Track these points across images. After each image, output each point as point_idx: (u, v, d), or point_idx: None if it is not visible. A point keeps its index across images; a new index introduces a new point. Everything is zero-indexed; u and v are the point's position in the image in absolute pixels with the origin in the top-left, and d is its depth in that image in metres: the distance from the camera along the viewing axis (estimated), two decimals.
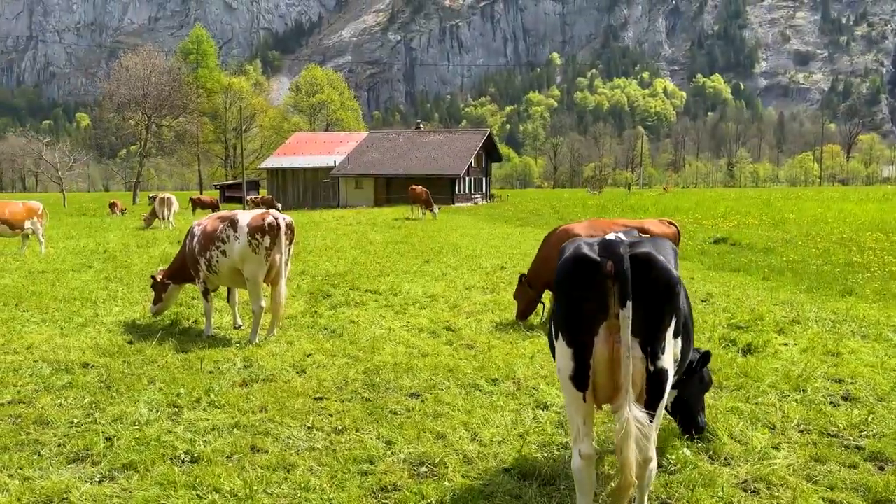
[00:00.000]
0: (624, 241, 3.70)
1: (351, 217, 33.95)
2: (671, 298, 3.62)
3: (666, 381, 3.66)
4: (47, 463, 4.78)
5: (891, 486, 4.40)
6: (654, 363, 3.60)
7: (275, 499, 4.32)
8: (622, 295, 3.44)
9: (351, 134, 66.06)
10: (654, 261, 3.58)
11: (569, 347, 3.66)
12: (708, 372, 5.32)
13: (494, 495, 4.42)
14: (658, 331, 3.60)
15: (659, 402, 3.66)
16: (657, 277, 3.57)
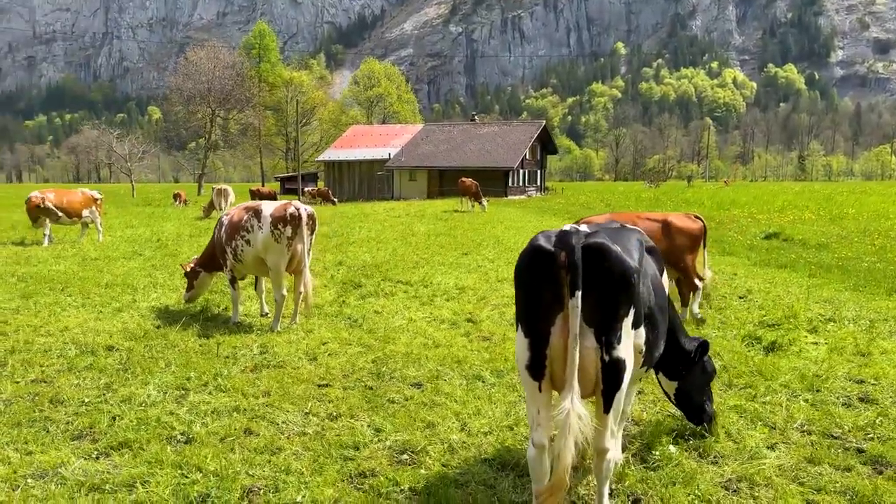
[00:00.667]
0: (580, 231, 3.67)
1: (401, 209, 34.24)
2: (626, 288, 3.57)
3: (623, 372, 3.62)
4: (51, 439, 5.05)
5: (879, 490, 4.24)
6: (610, 353, 3.57)
7: (254, 480, 4.46)
8: (572, 285, 3.42)
9: (406, 126, 66.48)
10: (607, 251, 3.55)
11: (525, 337, 3.66)
12: (710, 361, 5.21)
13: (468, 484, 4.45)
14: (613, 321, 3.56)
15: (615, 392, 3.63)
16: (610, 268, 3.53)
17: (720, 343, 8.13)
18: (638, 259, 3.84)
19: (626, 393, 4.58)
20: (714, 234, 20.44)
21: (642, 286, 3.90)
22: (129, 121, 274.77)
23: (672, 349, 5.11)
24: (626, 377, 3.66)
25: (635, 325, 3.73)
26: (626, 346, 3.64)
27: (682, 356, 5.11)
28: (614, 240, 3.74)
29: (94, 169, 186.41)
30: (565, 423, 3.38)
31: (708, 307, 10.45)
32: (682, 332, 5.20)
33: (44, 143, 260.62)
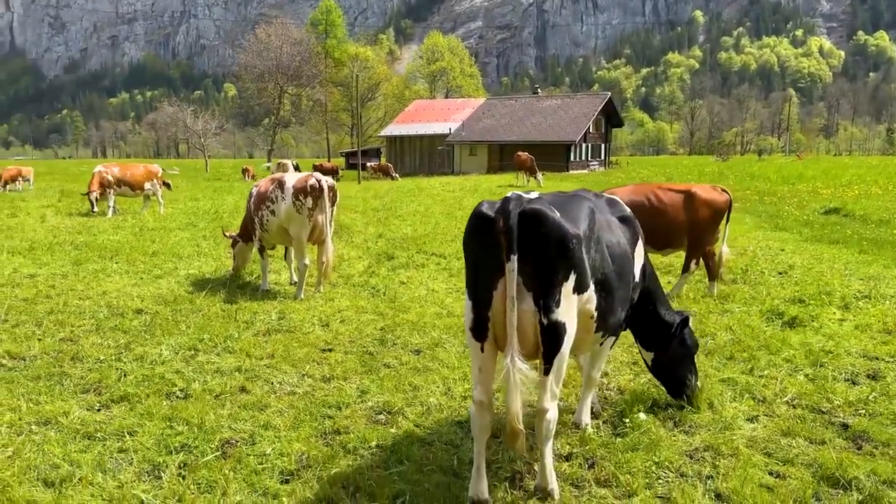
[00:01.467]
0: (523, 197, 3.72)
1: (457, 184, 34.33)
2: (563, 254, 3.63)
3: (562, 335, 3.69)
4: (61, 391, 5.47)
5: (844, 464, 4.17)
6: (548, 316, 3.64)
7: (235, 433, 4.74)
8: (508, 249, 3.50)
9: (468, 101, 66.23)
10: (543, 217, 3.60)
11: (470, 300, 3.78)
12: (691, 335, 5.18)
13: (433, 444, 4.60)
14: (550, 285, 3.62)
15: (555, 354, 3.70)
16: (547, 233, 3.59)
17: (738, 317, 8.00)
18: (585, 226, 3.87)
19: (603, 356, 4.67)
20: (771, 210, 19.79)
21: (593, 252, 3.94)
22: (206, 97, 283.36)
23: (651, 321, 5.12)
24: (566, 340, 3.72)
25: (578, 291, 3.77)
26: (566, 310, 3.69)
27: (662, 328, 5.10)
28: (559, 207, 3.79)
29: (174, 144, 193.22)
30: (507, 380, 3.52)
31: (742, 282, 10.23)
32: (664, 305, 5.18)
33: (126, 120, 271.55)
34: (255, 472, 4.15)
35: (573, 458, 4.40)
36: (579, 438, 4.61)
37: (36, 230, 15.68)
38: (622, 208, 4.79)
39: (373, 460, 4.35)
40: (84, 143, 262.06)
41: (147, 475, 4.16)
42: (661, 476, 4.18)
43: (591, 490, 4.02)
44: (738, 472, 4.15)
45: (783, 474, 4.20)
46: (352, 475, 4.12)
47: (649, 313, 5.10)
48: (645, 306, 5.05)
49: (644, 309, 5.06)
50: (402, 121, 63.80)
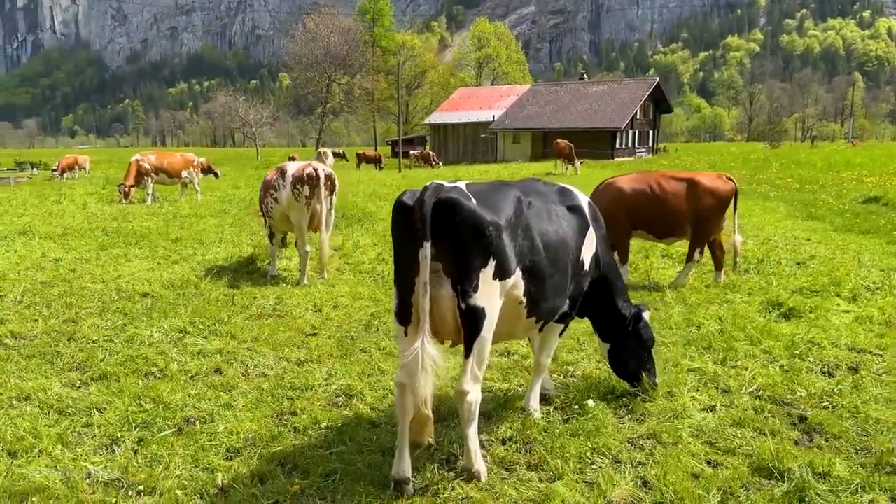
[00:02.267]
0: (442, 186, 3.80)
1: (495, 171, 34.24)
2: (479, 240, 3.71)
3: (481, 320, 3.77)
4: (49, 369, 5.79)
5: (780, 455, 4.14)
6: (465, 301, 3.74)
7: (196, 412, 4.96)
8: (420, 236, 3.59)
9: (513, 88, 65.75)
10: (457, 205, 3.69)
11: (395, 286, 3.88)
12: (647, 329, 5.18)
13: (381, 426, 4.74)
14: (467, 271, 3.71)
15: (475, 338, 3.80)
16: (462, 221, 3.68)
17: (734, 308, 7.89)
18: (508, 214, 3.92)
19: (550, 343, 4.73)
20: (808, 198, 19.22)
21: (520, 240, 3.99)
22: (262, 87, 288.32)
23: (606, 312, 5.14)
24: (487, 325, 3.80)
25: (500, 277, 3.84)
26: (485, 295, 3.77)
27: (617, 320, 5.12)
28: (481, 196, 3.86)
29: (229, 133, 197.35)
30: (415, 363, 3.63)
31: (756, 272, 10.04)
32: (622, 297, 5.19)
33: (184, 109, 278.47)
34: (202, 449, 4.36)
35: (511, 442, 4.47)
36: (522, 423, 4.67)
37: (74, 216, 16.38)
38: (572, 198, 4.80)
39: (317, 440, 4.51)
40: (144, 132, 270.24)
41: (104, 449, 4.40)
42: (595, 462, 4.22)
43: (520, 473, 4.09)
44: (670, 460, 4.17)
45: (720, 464, 4.19)
46: (292, 454, 4.29)
47: (605, 303, 5.12)
48: (601, 296, 5.08)
49: (600, 299, 5.09)
50: (446, 108, 63.81)
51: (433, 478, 4.00)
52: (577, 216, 4.68)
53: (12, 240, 12.35)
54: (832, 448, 4.36)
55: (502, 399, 5.19)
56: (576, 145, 45.92)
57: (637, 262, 10.92)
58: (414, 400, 3.78)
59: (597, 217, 5.04)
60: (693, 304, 8.10)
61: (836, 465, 4.06)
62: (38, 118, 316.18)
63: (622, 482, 3.94)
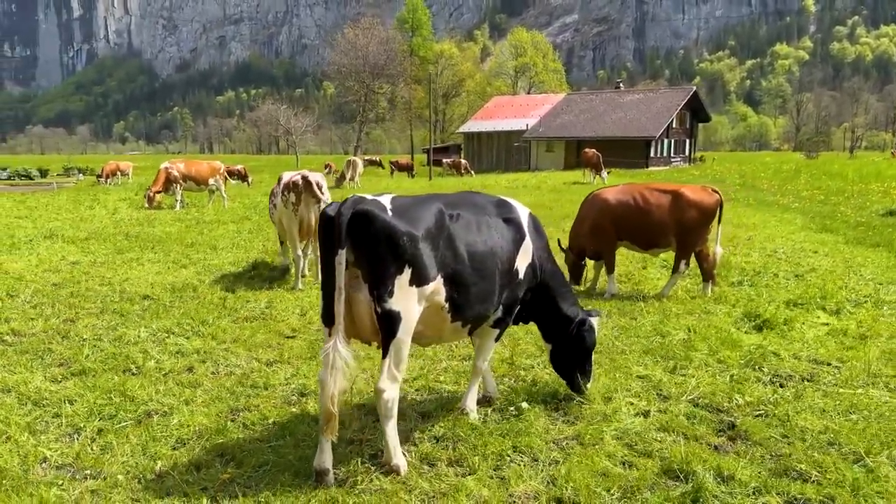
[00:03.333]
0: (364, 199, 4.11)
1: (524, 180, 34.43)
2: (392, 250, 4.00)
3: (396, 323, 4.06)
4: (37, 365, 6.24)
5: (689, 458, 4.32)
6: (381, 305, 4.03)
7: (158, 406, 5.32)
8: (336, 244, 3.91)
9: (548, 96, 65.74)
10: (372, 217, 3.99)
11: (321, 289, 4.19)
12: (591, 334, 5.38)
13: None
14: (382, 277, 4.00)
15: (391, 340, 4.09)
16: (376, 231, 3.98)
17: (709, 319, 7.99)
18: (428, 226, 4.19)
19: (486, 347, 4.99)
20: (826, 210, 18.99)
21: (442, 249, 4.26)
22: (307, 95, 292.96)
23: (549, 317, 5.38)
24: (402, 328, 4.09)
25: (417, 283, 4.11)
26: (401, 300, 4.05)
27: (561, 323, 5.35)
28: (401, 209, 4.16)
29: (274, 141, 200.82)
30: (327, 361, 3.96)
31: (749, 284, 10.08)
32: (567, 302, 5.42)
33: (231, 117, 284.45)
34: (153, 439, 4.71)
35: (441, 440, 4.72)
36: (453, 422, 4.92)
37: (102, 221, 17.14)
38: (509, 210, 5.05)
39: (260, 435, 4.83)
40: (192, 139, 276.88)
41: (66, 437, 4.79)
42: (514, 460, 4.45)
43: (440, 468, 4.34)
44: (583, 459, 4.37)
45: (633, 465, 4.38)
46: (233, 446, 4.61)
47: (548, 309, 5.36)
48: (543, 302, 5.32)
49: (543, 304, 5.33)
50: (480, 117, 64.14)
51: (356, 470, 4.28)
52: (512, 228, 4.93)
53: (37, 243, 13.06)
54: (747, 454, 4.51)
55: (447, 400, 5.44)
56: (609, 154, 45.91)
57: (634, 272, 11.03)
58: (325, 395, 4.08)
59: (537, 228, 5.28)
60: (672, 315, 8.22)
61: (741, 470, 4.21)
62: (90, 125, 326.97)
63: (531, 479, 4.16)
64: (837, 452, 4.52)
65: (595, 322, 5.47)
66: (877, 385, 5.79)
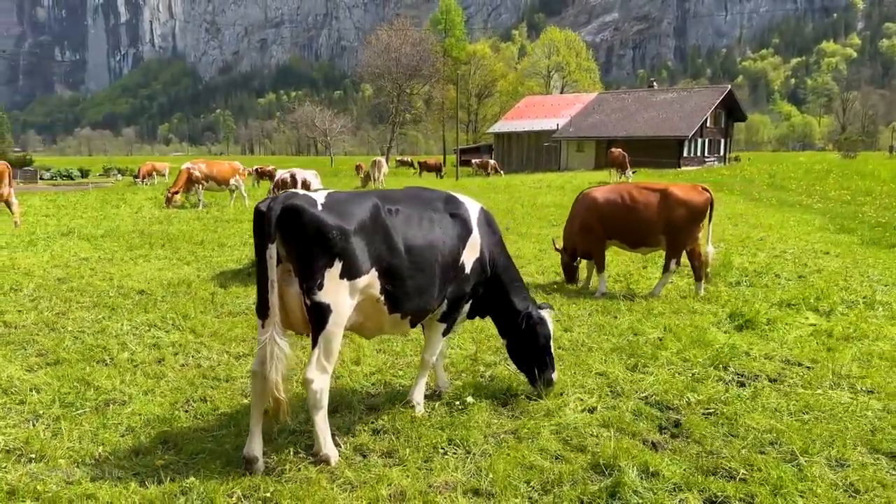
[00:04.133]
0: (295, 194, 4.21)
1: (549, 180, 34.24)
2: (321, 243, 4.09)
3: (326, 314, 4.16)
4: (17, 355, 6.48)
5: (617, 453, 4.32)
6: (310, 297, 4.13)
7: (118, 395, 5.50)
8: (266, 239, 4.03)
9: (579, 96, 65.18)
10: (300, 211, 4.08)
11: (257, 283, 4.30)
12: (543, 328, 5.40)
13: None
14: (311, 270, 4.09)
15: (320, 331, 4.18)
16: (304, 225, 4.08)
17: (692, 318, 7.92)
18: (361, 220, 4.27)
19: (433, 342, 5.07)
20: (849, 211, 18.56)
21: (377, 243, 4.34)
22: (345, 97, 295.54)
23: (503, 310, 5.43)
24: (332, 319, 4.18)
25: (348, 276, 4.19)
26: (331, 293, 4.14)
27: (513, 317, 5.40)
28: (333, 204, 4.25)
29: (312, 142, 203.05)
30: (265, 351, 4.09)
31: (747, 284, 9.94)
32: (519, 297, 5.46)
33: (272, 119, 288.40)
34: (104, 426, 4.88)
35: (379, 432, 4.80)
36: (394, 415, 4.99)
37: (123, 219, 17.62)
38: (457, 206, 5.11)
39: (206, 424, 4.97)
40: (234, 141, 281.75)
41: (24, 423, 4.98)
42: (448, 452, 4.49)
43: (372, 459, 4.42)
44: (513, 452, 4.41)
45: (564, 459, 4.40)
46: (176, 434, 4.76)
47: (501, 303, 5.41)
48: (496, 296, 5.38)
49: (495, 299, 5.39)
50: (511, 117, 63.94)
51: (287, 459, 4.37)
52: (457, 223, 4.99)
53: (53, 240, 13.50)
54: (682, 451, 4.49)
55: (398, 394, 5.51)
56: (641, 154, 45.38)
57: (633, 272, 10.93)
58: (266, 385, 4.19)
59: (489, 224, 5.33)
60: (654, 314, 8.17)
61: (667, 467, 4.20)
62: (136, 127, 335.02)
63: (455, 470, 4.21)
64: (776, 451, 4.47)
65: (546, 315, 5.50)
66: (841, 386, 5.70)
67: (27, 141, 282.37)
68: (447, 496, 3.92)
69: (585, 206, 9.58)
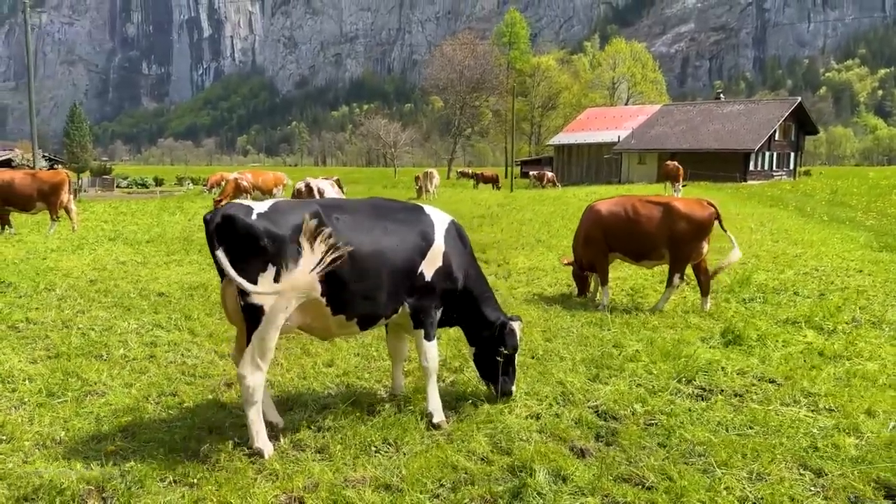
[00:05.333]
0: (237, 205, 4.55)
1: (603, 193, 33.87)
2: (255, 249, 4.42)
3: (259, 315, 4.48)
4: (27, 348, 7.03)
5: (535, 457, 4.45)
6: (244, 299, 4.47)
7: (101, 387, 5.94)
8: (210, 246, 4.41)
9: (643, 107, 64.21)
10: (235, 220, 4.41)
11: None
12: (512, 337, 5.57)
13: (230, 410, 5.45)
14: (246, 273, 4.39)
15: (253, 330, 4.51)
16: (237, 232, 4.40)
17: (681, 333, 7.87)
18: (293, 227, 4.54)
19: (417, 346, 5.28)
20: (886, 227, 17.80)
21: (312, 248, 4.60)
22: (416, 110, 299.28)
23: (472, 319, 5.62)
24: (265, 320, 4.48)
25: (276, 280, 4.47)
26: (263, 296, 4.43)
27: (483, 327, 5.59)
28: (274, 213, 4.55)
29: (382, 153, 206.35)
30: None
31: (762, 301, 9.74)
32: (490, 307, 5.64)
33: (344, 132, 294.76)
34: (76, 414, 5.30)
35: (321, 430, 5.04)
36: (337, 414, 5.23)
37: (173, 226, 18.53)
38: (418, 218, 5.31)
39: (169, 417, 5.32)
40: (308, 152, 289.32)
41: (9, 409, 5.46)
42: (381, 450, 4.71)
43: (306, 454, 4.67)
44: (438, 452, 4.59)
45: (488, 460, 4.55)
46: (137, 424, 5.12)
47: (470, 313, 5.60)
48: (466, 306, 5.58)
49: (466, 309, 5.60)
50: (572, 129, 63.58)
51: (224, 449, 4.66)
52: (417, 233, 5.18)
53: (98, 244, 14.38)
54: (604, 458, 4.56)
55: (354, 394, 5.75)
56: (705, 167, 44.43)
57: (646, 286, 10.86)
58: None
59: (460, 236, 5.51)
60: (644, 327, 8.16)
61: (580, 472, 4.31)
62: (216, 138, 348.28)
63: (375, 467, 4.42)
64: (699, 463, 4.49)
65: (515, 326, 5.64)
66: (800, 403, 5.62)
67: (115, 151, 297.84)
68: (357, 490, 4.13)
69: (590, 218, 9.63)
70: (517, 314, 6.27)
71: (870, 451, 4.67)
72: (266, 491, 4.12)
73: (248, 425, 4.61)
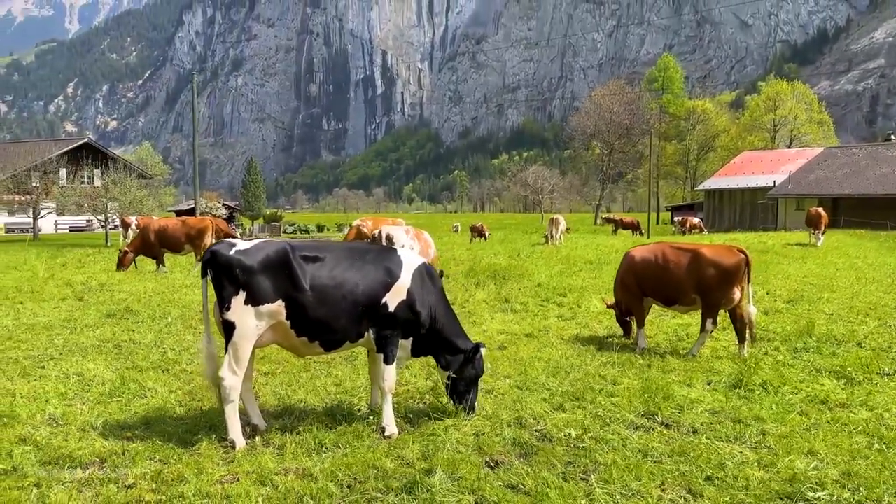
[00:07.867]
0: (223, 242, 5.78)
1: (743, 240, 32.48)
2: (227, 276, 5.61)
3: (231, 329, 5.63)
4: (116, 362, 8.68)
5: (441, 462, 5.12)
6: (221, 315, 5.66)
7: (149, 392, 7.31)
8: (203, 274, 5.68)
9: (803, 151, 60.31)
10: (217, 253, 5.65)
11: None
12: (479, 363, 6.39)
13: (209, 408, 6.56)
14: (222, 295, 5.61)
15: (229, 341, 5.64)
16: (217, 263, 5.63)
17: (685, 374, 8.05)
18: (268, 261, 5.66)
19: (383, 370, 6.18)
20: None
21: (280, 279, 5.67)
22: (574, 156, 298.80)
23: (443, 349, 6.46)
24: (238, 334, 5.62)
25: (252, 303, 5.60)
26: (236, 314, 5.60)
27: (453, 355, 6.46)
28: (254, 250, 5.71)
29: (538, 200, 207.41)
30: (202, 352, 5.77)
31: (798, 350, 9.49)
32: (459, 337, 6.52)
33: (503, 178, 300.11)
34: (120, 410, 6.68)
35: (287, 431, 6.01)
36: (310, 421, 6.17)
37: None
38: (388, 259, 6.24)
39: (184, 415, 6.55)
40: (468, 199, 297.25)
41: (78, 403, 6.96)
42: (329, 450, 5.61)
43: (270, 449, 5.67)
44: (371, 454, 5.40)
45: (411, 464, 5.29)
46: (159, 419, 6.39)
47: (442, 344, 6.45)
48: (438, 339, 6.43)
49: (437, 340, 6.44)
50: (724, 173, 61.07)
51: (208, 443, 5.77)
52: (383, 271, 6.11)
53: (188, 271, 16.70)
54: (509, 469, 5.15)
55: (334, 408, 6.69)
56: (870, 215, 41.18)
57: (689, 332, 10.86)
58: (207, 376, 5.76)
59: (423, 276, 6.33)
60: (650, 367, 8.40)
61: (475, 476, 4.95)
62: (385, 187, 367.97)
63: (315, 463, 5.31)
64: (590, 479, 4.94)
65: (482, 352, 6.41)
66: (744, 441, 5.80)
67: (296, 199, 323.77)
68: (283, 476, 5.06)
69: (625, 264, 10.01)
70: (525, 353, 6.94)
71: (768, 482, 4.87)
72: (215, 470, 5.16)
73: (226, 419, 5.71)
